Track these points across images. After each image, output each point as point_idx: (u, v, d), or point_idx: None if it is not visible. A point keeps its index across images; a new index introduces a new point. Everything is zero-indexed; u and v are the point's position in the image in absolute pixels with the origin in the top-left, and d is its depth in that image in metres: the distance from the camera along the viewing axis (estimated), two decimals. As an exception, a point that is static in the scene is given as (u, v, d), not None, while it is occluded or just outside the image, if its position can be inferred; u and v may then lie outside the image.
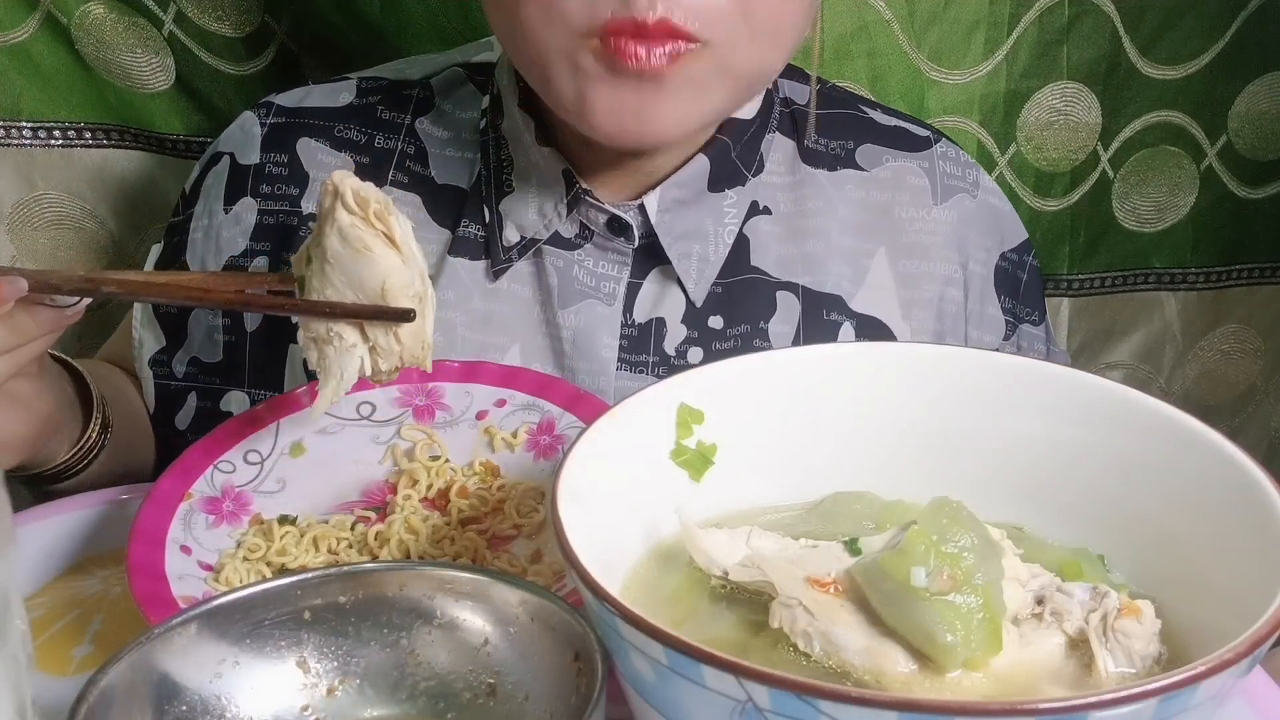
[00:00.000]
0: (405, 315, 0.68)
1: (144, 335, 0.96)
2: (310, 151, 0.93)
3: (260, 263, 0.93)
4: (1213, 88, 1.31)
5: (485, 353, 0.87)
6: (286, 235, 0.92)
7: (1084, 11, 1.24)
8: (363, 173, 0.92)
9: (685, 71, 0.76)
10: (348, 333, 0.68)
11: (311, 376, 0.88)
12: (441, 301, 0.88)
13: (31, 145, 1.21)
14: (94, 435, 0.84)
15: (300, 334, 0.70)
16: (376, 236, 0.67)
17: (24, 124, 1.20)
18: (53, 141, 1.21)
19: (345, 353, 0.68)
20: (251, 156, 0.94)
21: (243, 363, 0.93)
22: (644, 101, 0.77)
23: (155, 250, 0.98)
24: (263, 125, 0.94)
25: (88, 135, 1.22)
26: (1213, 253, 1.39)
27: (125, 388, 0.98)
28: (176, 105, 1.21)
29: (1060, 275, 1.36)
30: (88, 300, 0.68)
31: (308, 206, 0.92)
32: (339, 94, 0.95)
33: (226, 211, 0.94)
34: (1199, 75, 1.30)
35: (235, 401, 0.93)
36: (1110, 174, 1.33)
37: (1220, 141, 1.34)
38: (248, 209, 0.93)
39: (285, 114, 0.94)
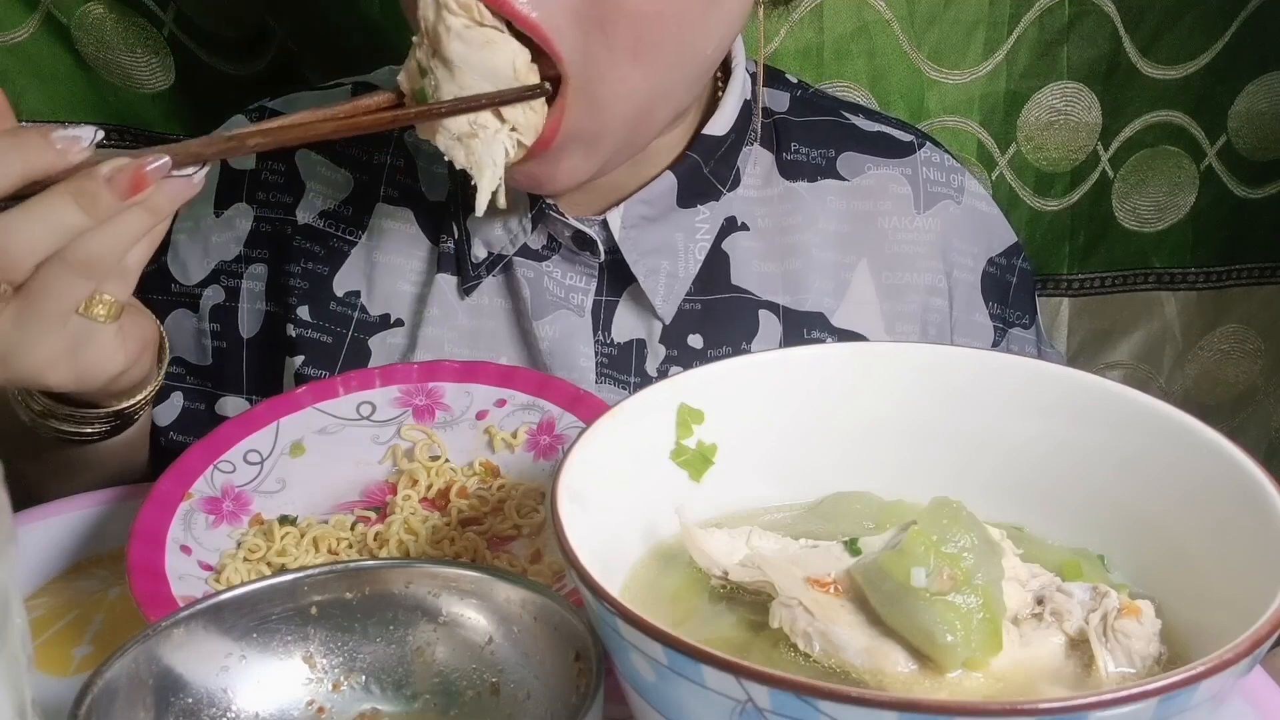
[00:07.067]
0: (544, 90, 0.73)
1: None
2: (310, 164, 0.93)
3: (258, 269, 0.92)
4: (1213, 88, 1.31)
5: None
6: (282, 244, 0.92)
7: (1084, 11, 1.25)
8: (360, 188, 0.92)
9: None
10: (490, 121, 0.72)
11: (301, 381, 0.88)
12: (428, 319, 0.88)
13: (31, 145, 1.21)
14: (162, 372, 0.80)
15: (440, 140, 0.72)
16: (488, 29, 0.71)
17: (24, 124, 1.20)
18: (53, 141, 1.21)
19: (491, 141, 0.72)
20: (246, 161, 0.93)
21: (239, 369, 0.93)
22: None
23: None
24: None
25: (88, 135, 1.22)
26: (1212, 253, 1.39)
27: None
28: (176, 105, 1.21)
29: (1060, 275, 1.37)
30: (205, 170, 0.66)
31: (302, 216, 0.92)
32: (335, 102, 0.94)
33: (217, 215, 0.93)
34: (1199, 75, 1.30)
35: (232, 407, 0.93)
36: (1110, 174, 1.33)
37: (1220, 141, 1.34)
38: (242, 215, 0.93)
39: None
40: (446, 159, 0.73)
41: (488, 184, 0.73)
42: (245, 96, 1.18)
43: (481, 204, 0.73)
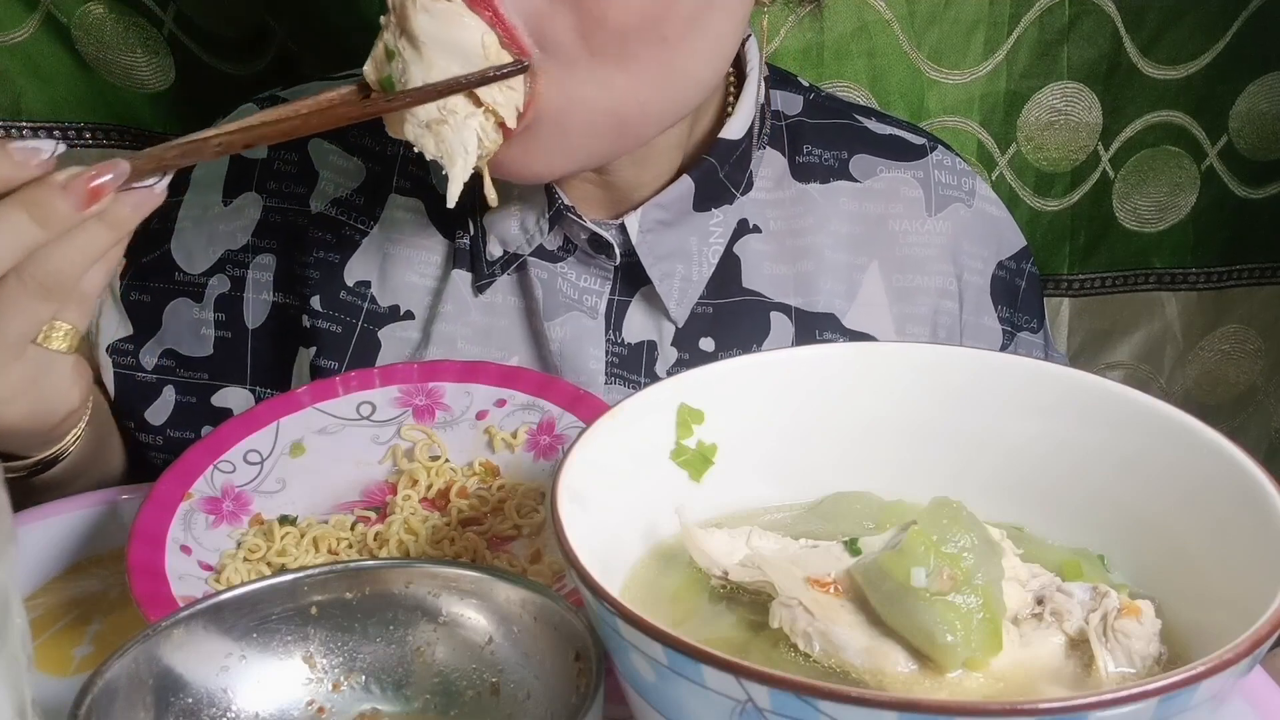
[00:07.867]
0: (523, 66, 0.70)
1: (103, 320, 0.93)
2: (322, 153, 0.92)
3: (265, 259, 0.92)
4: (1213, 88, 1.31)
5: None
6: (295, 235, 0.92)
7: (1084, 11, 1.25)
8: (372, 178, 0.92)
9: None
10: (460, 106, 0.69)
11: (318, 374, 0.88)
12: (442, 315, 0.88)
13: (31, 145, 1.21)
14: (84, 419, 0.77)
15: (409, 130, 0.70)
16: (456, 3, 0.68)
17: (24, 124, 1.20)
18: (53, 141, 1.21)
19: (461, 127, 0.69)
20: (258, 151, 0.93)
21: (243, 360, 0.93)
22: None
23: None
24: None
25: (87, 135, 1.22)
26: (1213, 253, 1.39)
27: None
28: (176, 105, 1.21)
29: (1060, 275, 1.36)
30: (168, 179, 0.64)
31: (315, 206, 0.92)
32: None
33: (225, 204, 0.93)
34: (1199, 75, 1.30)
35: (234, 398, 0.93)
36: (1111, 174, 1.33)
37: (1221, 141, 1.34)
38: (252, 204, 0.92)
39: None
40: (416, 150, 0.70)
41: (460, 173, 0.70)
42: (245, 96, 1.18)
43: (453, 195, 0.70)
